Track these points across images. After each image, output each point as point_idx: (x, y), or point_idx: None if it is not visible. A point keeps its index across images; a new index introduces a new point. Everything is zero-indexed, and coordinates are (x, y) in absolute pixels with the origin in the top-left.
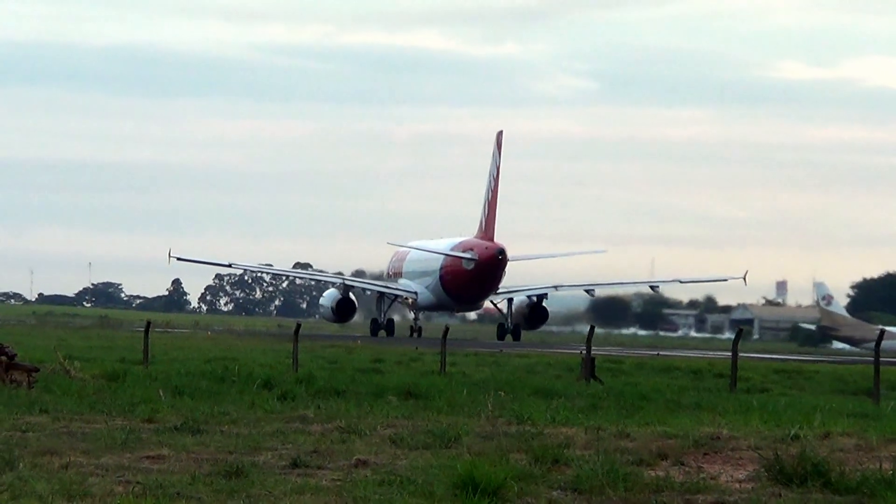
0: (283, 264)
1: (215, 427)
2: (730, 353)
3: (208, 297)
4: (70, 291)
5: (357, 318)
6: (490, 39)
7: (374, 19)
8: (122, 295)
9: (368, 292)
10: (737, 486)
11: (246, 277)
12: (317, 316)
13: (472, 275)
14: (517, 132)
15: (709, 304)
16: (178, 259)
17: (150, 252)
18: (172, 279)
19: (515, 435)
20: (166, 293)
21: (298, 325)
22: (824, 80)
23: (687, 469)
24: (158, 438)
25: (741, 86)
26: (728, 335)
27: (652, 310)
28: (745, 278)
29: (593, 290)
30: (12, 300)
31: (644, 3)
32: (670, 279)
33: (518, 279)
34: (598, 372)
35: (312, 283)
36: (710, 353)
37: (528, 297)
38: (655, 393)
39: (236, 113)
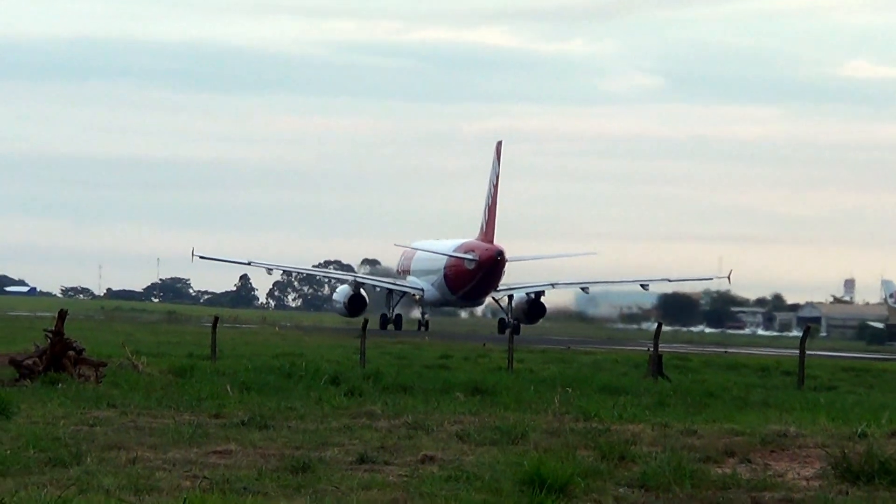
0: (352, 262)
1: (282, 422)
2: (797, 351)
3: (276, 293)
4: (138, 287)
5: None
6: (558, 37)
7: (442, 16)
8: (190, 290)
9: (378, 289)
10: (804, 483)
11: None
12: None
13: (474, 274)
14: (584, 130)
15: (777, 302)
16: (201, 258)
17: (218, 248)
18: (240, 275)
19: (582, 431)
20: (234, 289)
21: (366, 321)
22: (892, 78)
23: (754, 466)
24: (226, 433)
25: (809, 84)
26: (796, 333)
27: (720, 307)
28: (728, 277)
29: (588, 287)
30: (81, 295)
31: (712, 1)
32: (659, 278)
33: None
34: (666, 369)
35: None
36: (778, 351)
37: (527, 293)
38: (722, 390)
39: (304, 110)
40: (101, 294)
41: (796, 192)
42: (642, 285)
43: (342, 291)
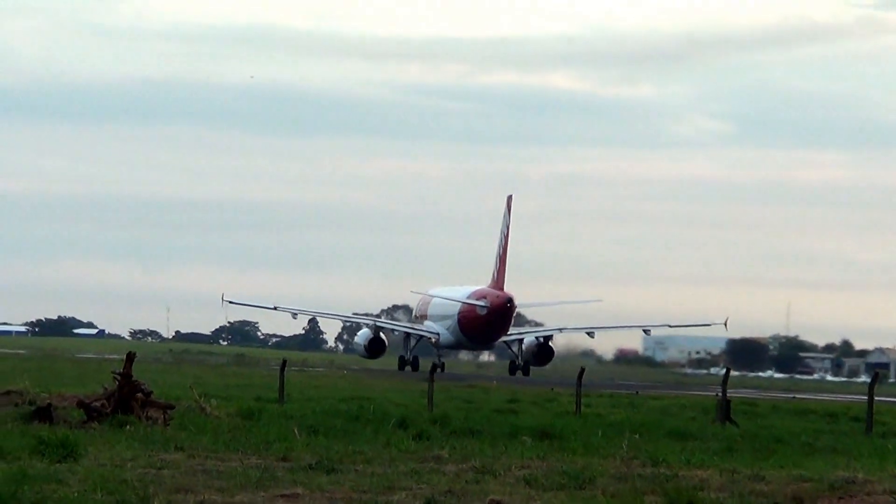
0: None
1: (350, 466)
2: (865, 397)
3: (344, 337)
4: (207, 329)
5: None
6: (626, 81)
7: (510, 60)
8: (259, 333)
9: (396, 332)
10: None
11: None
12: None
13: (486, 319)
14: (653, 174)
15: (845, 348)
16: (230, 302)
17: (287, 291)
18: (309, 318)
19: (650, 477)
20: (302, 332)
21: (433, 366)
22: None
23: None
24: (293, 477)
25: (878, 128)
26: (864, 379)
27: (788, 353)
28: (725, 324)
29: (593, 332)
30: (149, 338)
31: (780, 46)
32: (660, 324)
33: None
34: (734, 414)
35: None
36: (846, 397)
37: (536, 337)
38: (790, 436)
39: (372, 152)
40: (170, 337)
41: (864, 236)
42: (645, 330)
43: (363, 335)
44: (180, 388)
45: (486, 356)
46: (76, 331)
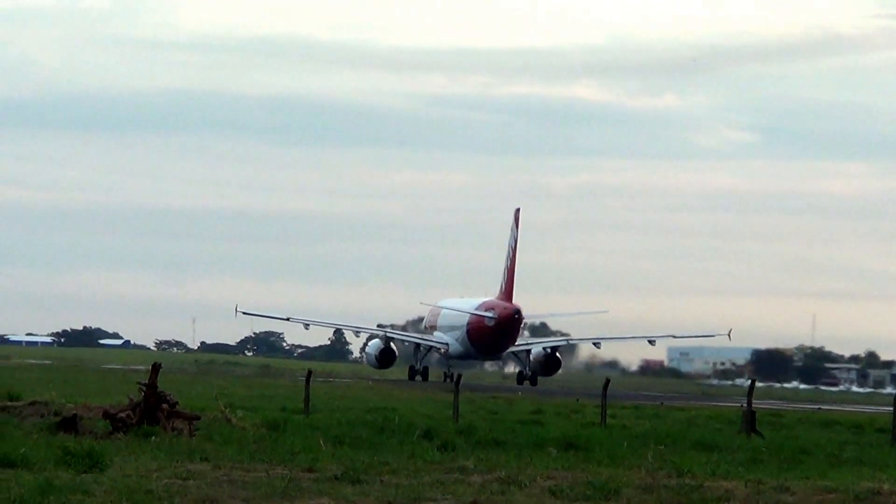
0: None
1: (375, 477)
2: (891, 408)
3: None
4: (232, 340)
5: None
6: (649, 91)
7: (533, 71)
8: (284, 344)
9: (406, 343)
10: None
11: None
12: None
13: (493, 330)
14: (677, 185)
15: (871, 359)
16: (244, 314)
17: (312, 302)
18: (334, 329)
19: (675, 488)
20: (328, 343)
21: (459, 376)
22: None
23: None
24: (318, 487)
25: None
26: (890, 390)
27: (813, 364)
28: (729, 335)
29: (600, 342)
30: (175, 348)
31: (804, 56)
32: (665, 334)
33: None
34: (759, 425)
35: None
36: (872, 408)
37: (544, 348)
38: (816, 447)
39: (396, 163)
40: (195, 347)
41: (889, 247)
42: (650, 341)
43: (373, 345)
44: (206, 398)
45: (511, 367)
46: (102, 341)
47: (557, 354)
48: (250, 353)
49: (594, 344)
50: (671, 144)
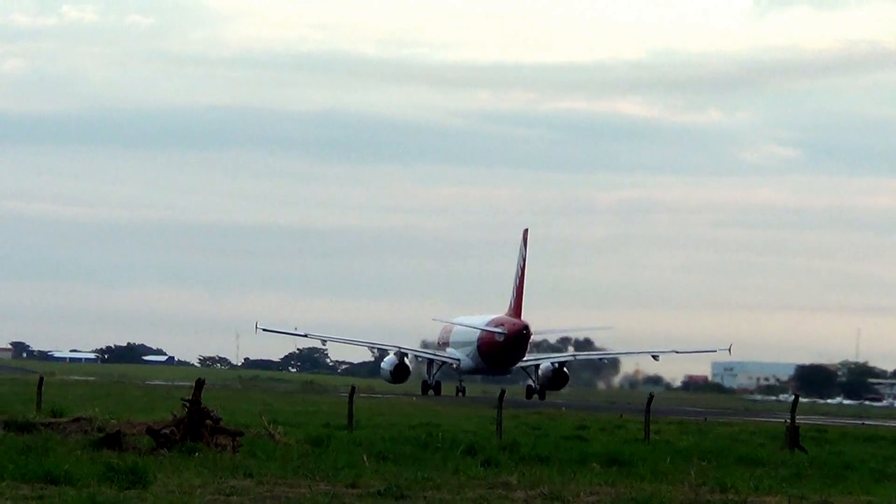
0: None
1: (419, 493)
2: None
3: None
4: (276, 356)
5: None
6: (693, 107)
7: (577, 87)
8: (328, 360)
9: (420, 359)
10: None
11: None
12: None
13: (503, 345)
14: (721, 200)
15: None
16: (264, 330)
17: (355, 318)
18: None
19: (718, 503)
20: (372, 359)
21: (503, 392)
22: None
23: None
24: None
25: None
26: None
27: (857, 379)
28: (729, 350)
29: (605, 358)
30: (218, 364)
31: (847, 71)
32: (668, 350)
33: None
34: (802, 441)
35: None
36: None
37: (552, 363)
38: (860, 462)
39: (440, 179)
40: (239, 364)
41: None
42: (653, 356)
43: (388, 361)
44: (249, 414)
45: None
46: (145, 358)
47: (565, 370)
48: (294, 370)
49: (599, 359)
50: (715, 160)
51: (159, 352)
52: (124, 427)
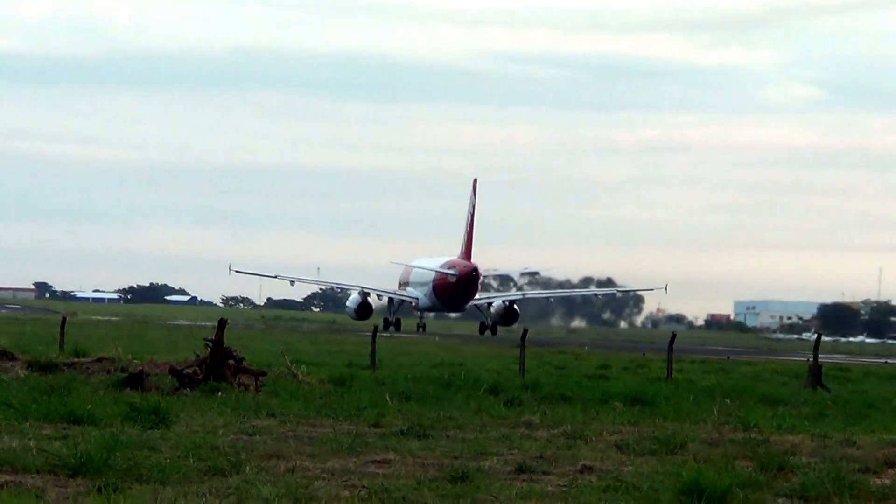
0: (512, 271)
1: (441, 432)
2: None
3: None
4: (299, 296)
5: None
6: (715, 46)
7: (599, 26)
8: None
9: (382, 297)
10: None
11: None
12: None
13: (455, 285)
14: (744, 140)
15: None
16: (237, 272)
17: (377, 257)
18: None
19: (741, 442)
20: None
21: (525, 331)
22: None
23: None
24: (384, 443)
25: None
26: None
27: (880, 318)
28: (665, 288)
29: (552, 297)
30: (241, 304)
31: (870, 10)
32: (610, 290)
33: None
34: (825, 380)
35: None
36: None
37: (503, 301)
38: (882, 401)
39: (462, 119)
40: (262, 304)
41: None
42: (596, 295)
43: (353, 299)
44: (272, 354)
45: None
46: (168, 298)
47: (515, 307)
48: (317, 309)
49: (547, 298)
50: (737, 99)
51: (182, 292)
52: (147, 367)
